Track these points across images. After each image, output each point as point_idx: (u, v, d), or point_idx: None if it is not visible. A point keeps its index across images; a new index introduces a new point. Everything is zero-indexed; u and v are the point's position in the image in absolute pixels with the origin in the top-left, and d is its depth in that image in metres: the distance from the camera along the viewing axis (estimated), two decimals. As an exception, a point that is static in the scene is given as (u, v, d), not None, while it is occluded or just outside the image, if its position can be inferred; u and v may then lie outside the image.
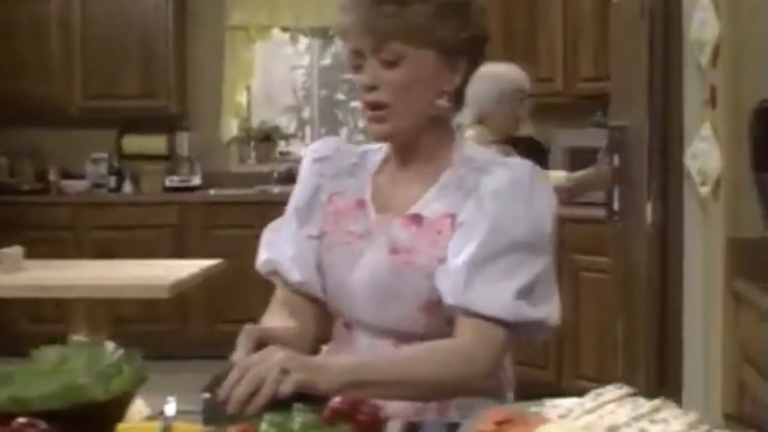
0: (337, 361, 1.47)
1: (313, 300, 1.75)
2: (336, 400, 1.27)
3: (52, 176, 6.49)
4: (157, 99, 6.47)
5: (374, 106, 1.63)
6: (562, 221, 4.95)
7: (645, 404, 1.30)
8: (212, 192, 6.43)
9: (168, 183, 6.53)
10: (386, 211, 1.69)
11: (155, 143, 6.61)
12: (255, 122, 6.93)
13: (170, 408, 1.13)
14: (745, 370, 2.78)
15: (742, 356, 2.83)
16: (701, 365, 3.18)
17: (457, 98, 1.70)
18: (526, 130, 5.06)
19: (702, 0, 3.02)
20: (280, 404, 1.31)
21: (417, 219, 1.65)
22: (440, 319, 1.61)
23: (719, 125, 2.97)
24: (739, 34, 2.89)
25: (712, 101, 2.99)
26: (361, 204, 1.73)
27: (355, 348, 1.71)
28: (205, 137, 6.66)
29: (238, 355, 1.46)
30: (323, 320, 1.77)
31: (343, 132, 7.36)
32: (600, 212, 4.45)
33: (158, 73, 6.46)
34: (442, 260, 1.60)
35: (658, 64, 3.41)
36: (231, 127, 6.74)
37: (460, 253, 1.58)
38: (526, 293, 1.57)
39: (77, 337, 1.23)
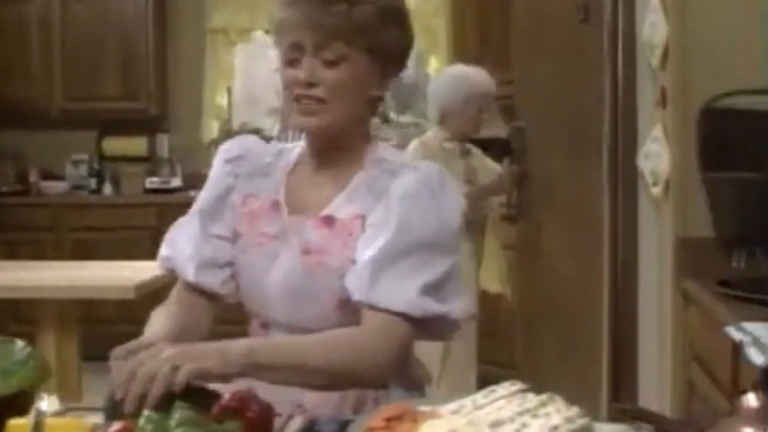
0: (234, 344, 1.48)
1: (209, 297, 1.78)
2: (226, 398, 1.29)
3: (33, 177, 6.52)
4: (137, 101, 6.51)
5: (312, 101, 1.66)
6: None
7: (533, 399, 1.33)
8: (192, 193, 6.37)
9: (148, 184, 6.56)
10: (300, 213, 1.72)
11: (136, 145, 6.65)
12: (236, 124, 6.95)
13: (44, 404, 1.17)
14: (693, 369, 2.81)
15: (690, 354, 2.86)
16: (655, 363, 3.21)
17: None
18: (498, 131, 5.09)
19: (652, 2, 3.04)
20: (181, 398, 1.32)
21: (329, 220, 1.69)
22: (353, 316, 1.63)
23: (669, 126, 3.00)
24: (686, 35, 2.91)
25: (663, 102, 3.01)
26: (275, 205, 1.75)
27: None
28: (186, 139, 6.69)
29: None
30: (214, 318, 1.80)
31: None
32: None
33: (139, 75, 6.50)
34: (354, 261, 1.64)
35: (613, 66, 3.44)
36: (211, 129, 6.77)
37: (367, 249, 1.61)
38: (432, 290, 1.60)
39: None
